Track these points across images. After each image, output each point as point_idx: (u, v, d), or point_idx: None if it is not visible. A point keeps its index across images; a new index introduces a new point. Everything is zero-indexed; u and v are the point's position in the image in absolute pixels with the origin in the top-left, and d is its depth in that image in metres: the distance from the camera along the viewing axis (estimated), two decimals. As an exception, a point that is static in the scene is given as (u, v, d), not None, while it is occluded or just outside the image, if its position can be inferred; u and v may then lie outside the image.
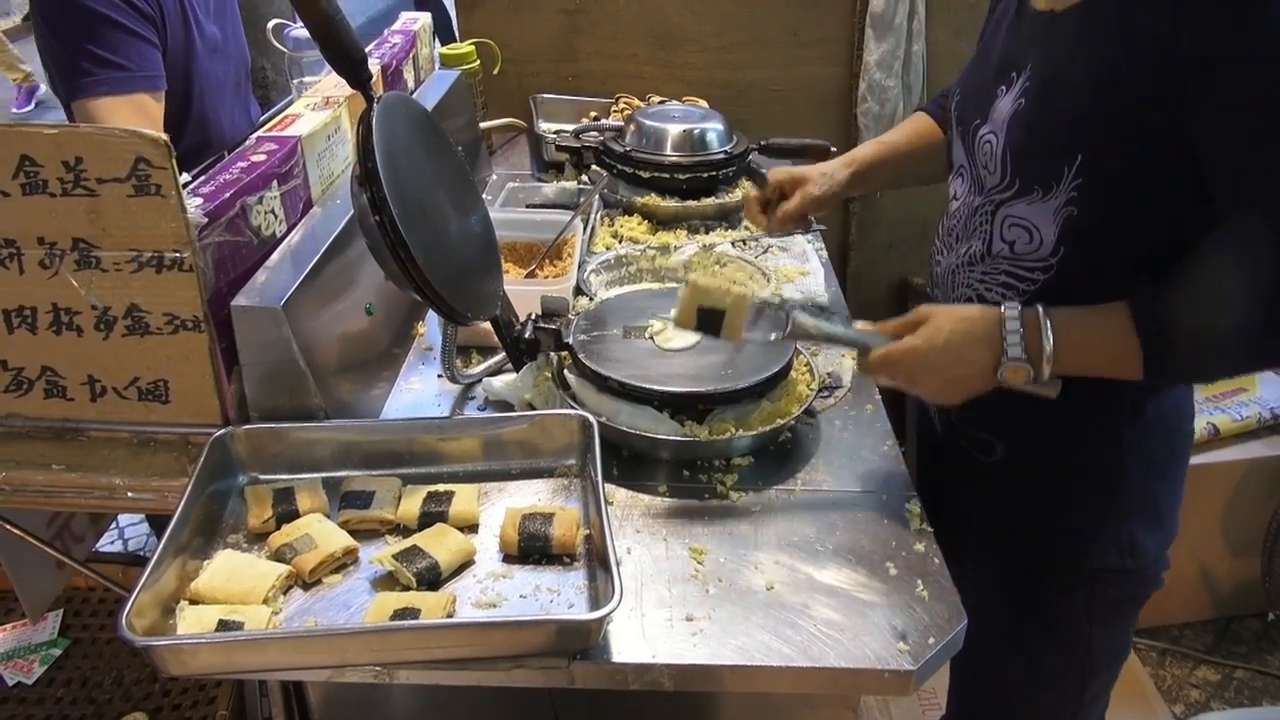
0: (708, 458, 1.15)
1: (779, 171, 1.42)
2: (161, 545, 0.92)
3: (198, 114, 1.87)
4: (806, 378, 1.25)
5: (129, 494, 1.06)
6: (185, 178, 1.78)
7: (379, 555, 0.95)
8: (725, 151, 1.80)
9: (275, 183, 1.19)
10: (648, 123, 1.80)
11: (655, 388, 1.12)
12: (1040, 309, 0.98)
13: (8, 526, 1.18)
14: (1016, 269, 1.07)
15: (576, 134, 1.90)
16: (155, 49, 1.73)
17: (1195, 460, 2.09)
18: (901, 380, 1.03)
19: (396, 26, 1.88)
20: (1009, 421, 1.13)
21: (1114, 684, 1.28)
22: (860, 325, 1.07)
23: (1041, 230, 1.03)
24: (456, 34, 2.35)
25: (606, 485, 1.08)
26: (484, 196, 1.90)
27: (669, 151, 1.77)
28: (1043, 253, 1.04)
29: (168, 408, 1.09)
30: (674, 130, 1.79)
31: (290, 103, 1.97)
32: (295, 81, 1.88)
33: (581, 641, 0.88)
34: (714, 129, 1.81)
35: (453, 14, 2.50)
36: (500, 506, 1.06)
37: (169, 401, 1.09)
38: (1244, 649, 2.25)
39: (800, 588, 0.98)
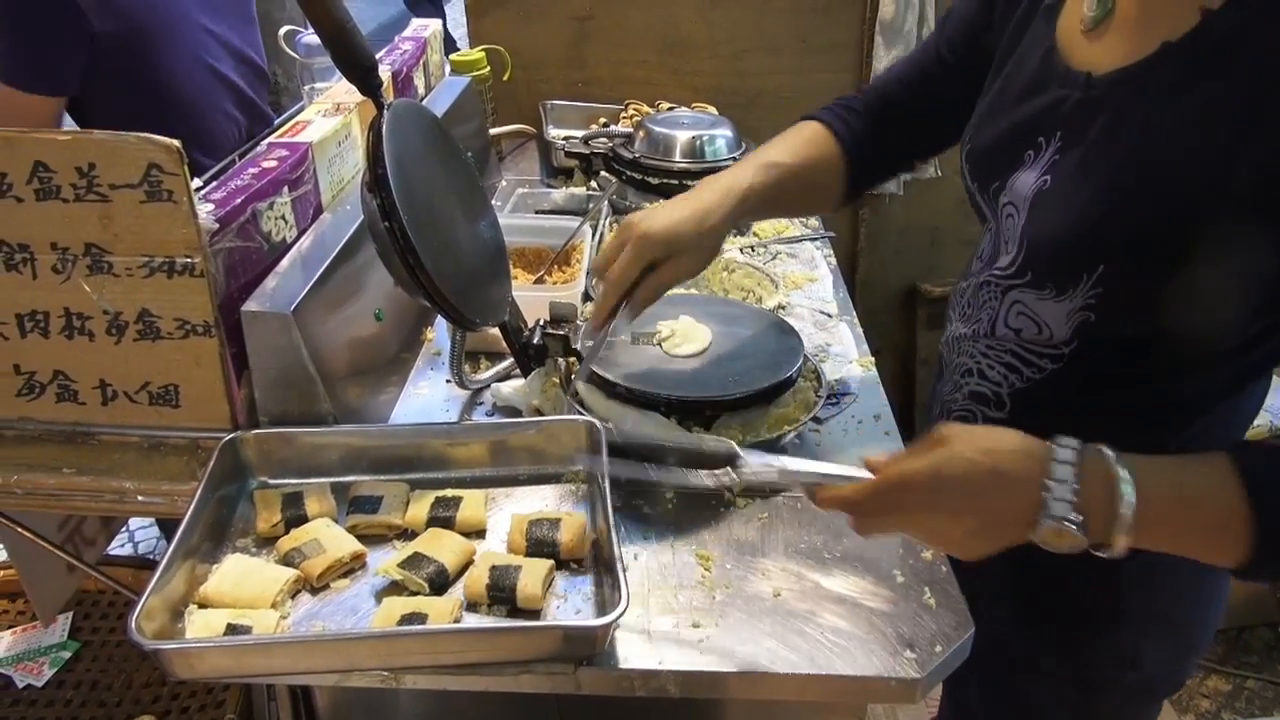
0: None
1: (645, 236, 1.02)
2: (171, 549, 0.92)
3: (174, 105, 1.83)
4: (814, 384, 1.25)
5: (139, 498, 1.07)
6: (197, 181, 1.79)
7: (383, 566, 0.95)
8: (734, 158, 1.80)
9: (286, 189, 1.19)
10: (657, 129, 1.81)
11: (663, 393, 1.12)
12: (1110, 454, 0.72)
13: (19, 529, 1.18)
14: (1023, 352, 0.95)
15: (586, 140, 1.91)
16: (69, 50, 1.67)
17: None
18: (895, 522, 0.80)
19: (407, 33, 1.89)
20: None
21: None
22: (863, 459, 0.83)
23: (1052, 327, 0.90)
24: (455, 43, 2.36)
25: (614, 491, 1.09)
26: (493, 202, 1.91)
27: (678, 158, 1.78)
28: (1054, 342, 0.91)
29: (178, 412, 1.10)
30: (683, 137, 1.79)
31: (301, 109, 1.99)
32: (306, 87, 1.89)
33: (588, 647, 0.88)
34: (723, 135, 1.81)
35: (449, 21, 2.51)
36: (507, 512, 1.06)
37: (179, 406, 1.09)
38: (1255, 659, 2.23)
39: (807, 595, 0.98)
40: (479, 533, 1.04)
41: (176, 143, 0.96)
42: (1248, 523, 0.71)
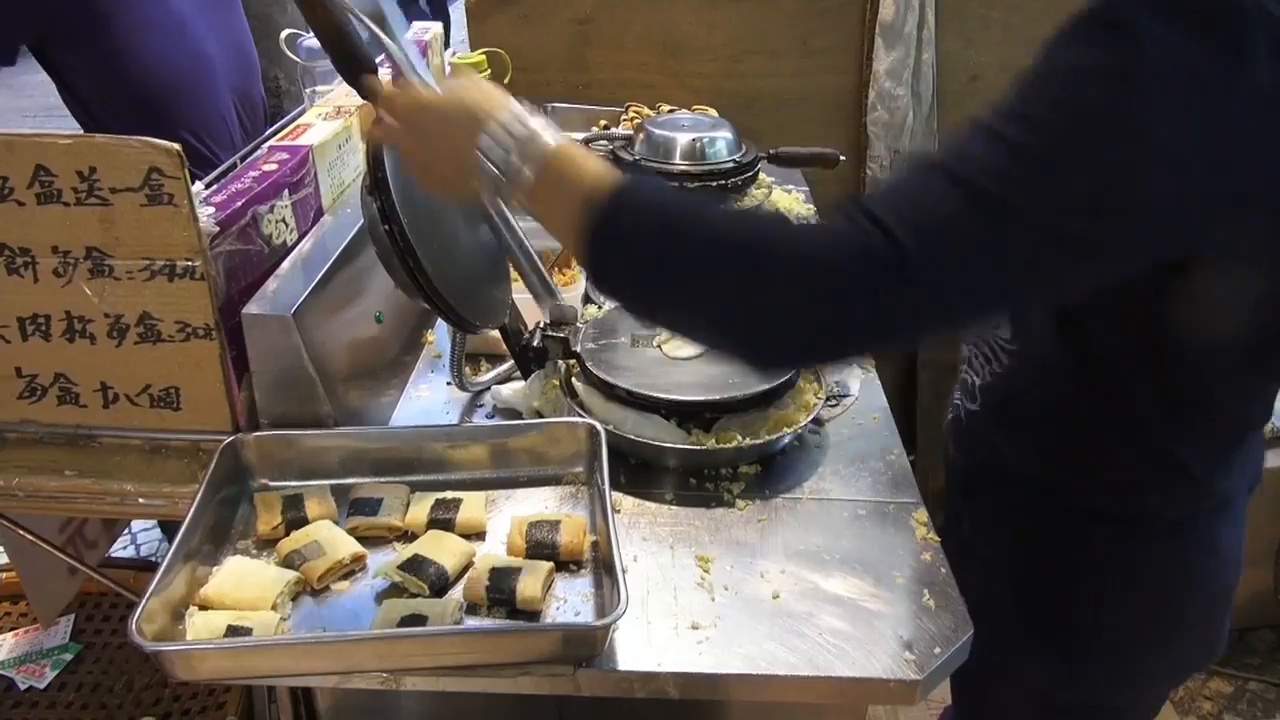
0: (714, 466, 1.15)
1: None
2: (171, 551, 0.93)
3: (138, 89, 1.79)
4: (814, 386, 1.25)
5: (140, 500, 1.07)
6: (198, 185, 1.79)
7: (383, 568, 0.96)
8: (734, 160, 1.80)
9: (286, 192, 1.20)
10: (657, 131, 1.81)
11: (662, 396, 1.13)
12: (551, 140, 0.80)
13: (20, 532, 1.19)
14: (996, 343, 0.99)
15: (586, 143, 1.91)
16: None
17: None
18: (397, 135, 0.86)
19: (408, 37, 1.89)
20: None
21: None
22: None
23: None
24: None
25: (614, 493, 1.09)
26: (494, 205, 1.92)
27: (678, 160, 1.78)
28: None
29: (179, 415, 1.10)
30: (683, 139, 1.79)
31: (302, 112, 1.99)
32: (308, 91, 1.89)
33: (587, 649, 0.88)
34: (723, 138, 1.82)
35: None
36: (507, 514, 1.07)
37: (180, 408, 1.10)
38: (1257, 660, 2.23)
39: (806, 596, 0.98)
40: (479, 535, 1.04)
41: (177, 146, 0.96)
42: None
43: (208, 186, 1.68)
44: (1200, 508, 0.96)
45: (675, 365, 1.20)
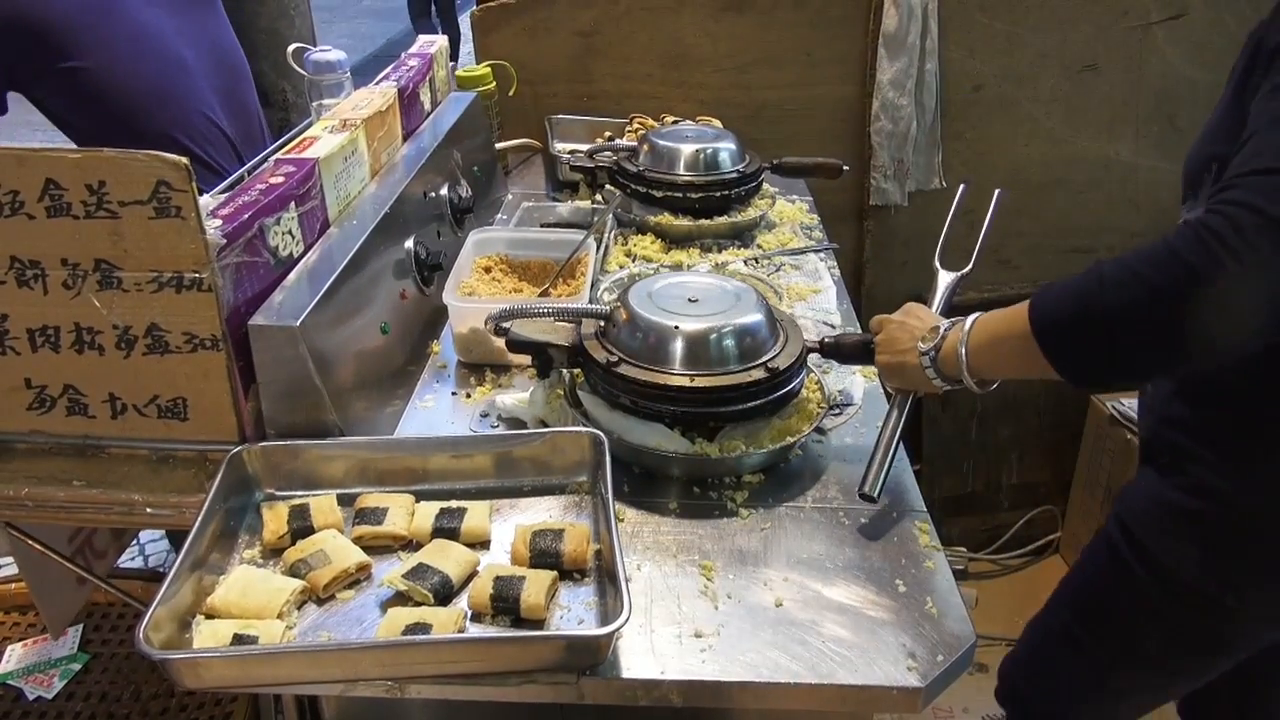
0: (718, 475, 1.16)
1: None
2: (178, 561, 0.93)
3: (119, 101, 1.80)
4: (817, 396, 1.25)
5: (148, 510, 1.08)
6: (206, 198, 1.81)
7: (388, 577, 0.96)
8: (738, 171, 1.81)
9: (293, 204, 1.21)
10: (661, 142, 1.82)
11: (668, 407, 1.13)
12: (973, 317, 1.03)
13: (29, 542, 1.20)
14: None
15: (590, 154, 1.92)
16: None
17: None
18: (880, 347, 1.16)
19: (414, 49, 1.91)
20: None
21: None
22: None
23: None
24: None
25: (618, 502, 1.10)
26: (499, 216, 1.93)
27: (682, 171, 1.79)
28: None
29: (186, 425, 1.11)
30: (687, 150, 1.80)
31: (309, 124, 2.01)
32: (315, 104, 1.91)
33: (591, 657, 0.88)
34: (726, 148, 1.83)
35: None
36: (512, 523, 1.07)
37: (187, 419, 1.11)
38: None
39: (810, 605, 0.98)
40: (483, 543, 1.05)
41: (184, 160, 0.98)
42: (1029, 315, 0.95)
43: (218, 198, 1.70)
44: None
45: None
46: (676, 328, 1.15)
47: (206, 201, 1.75)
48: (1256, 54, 1.00)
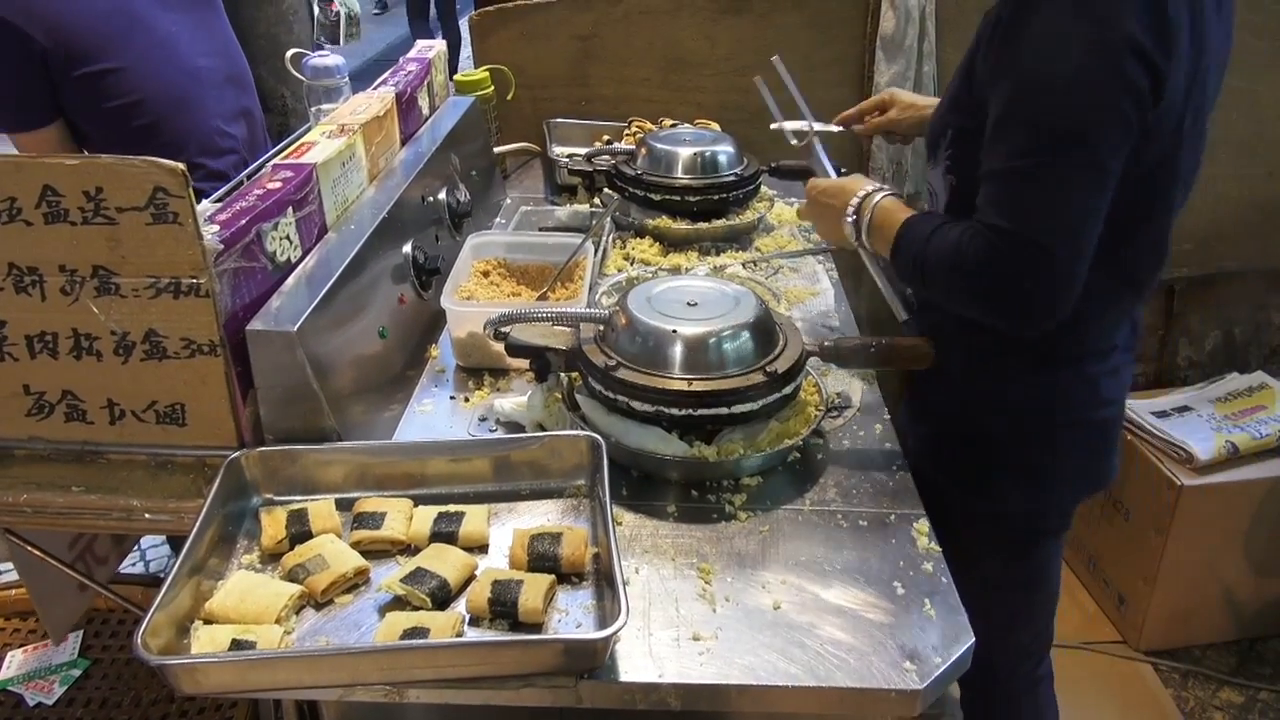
0: (716, 478, 1.16)
1: (888, 94, 1.65)
2: (177, 566, 0.94)
3: (165, 125, 1.83)
4: (815, 398, 1.25)
5: (146, 515, 1.08)
6: (206, 203, 1.81)
7: (386, 581, 0.96)
8: (735, 174, 1.81)
9: (290, 209, 1.21)
10: (659, 146, 1.82)
11: (665, 410, 1.13)
12: (882, 194, 1.24)
13: (29, 549, 1.20)
14: None
15: (588, 158, 1.92)
16: (29, 83, 1.69)
17: (1216, 479, 2.08)
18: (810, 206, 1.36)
19: (412, 54, 1.91)
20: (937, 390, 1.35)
21: (1031, 615, 1.47)
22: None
23: (939, 194, 1.25)
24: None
25: (616, 506, 1.10)
26: (498, 220, 1.93)
27: (680, 174, 1.79)
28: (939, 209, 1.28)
29: (185, 430, 1.11)
30: (685, 153, 1.81)
31: (307, 129, 2.01)
32: (313, 109, 1.92)
33: (589, 661, 0.88)
34: (724, 151, 1.83)
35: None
36: (509, 527, 1.07)
37: (186, 424, 1.11)
38: (1268, 670, 2.21)
39: (808, 607, 0.98)
40: (481, 547, 1.05)
41: (181, 166, 0.98)
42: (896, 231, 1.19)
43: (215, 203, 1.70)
44: (1087, 353, 1.25)
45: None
46: (675, 332, 1.15)
47: (205, 207, 1.76)
48: (983, 29, 1.16)
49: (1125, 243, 1.16)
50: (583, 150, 2.10)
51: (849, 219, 1.25)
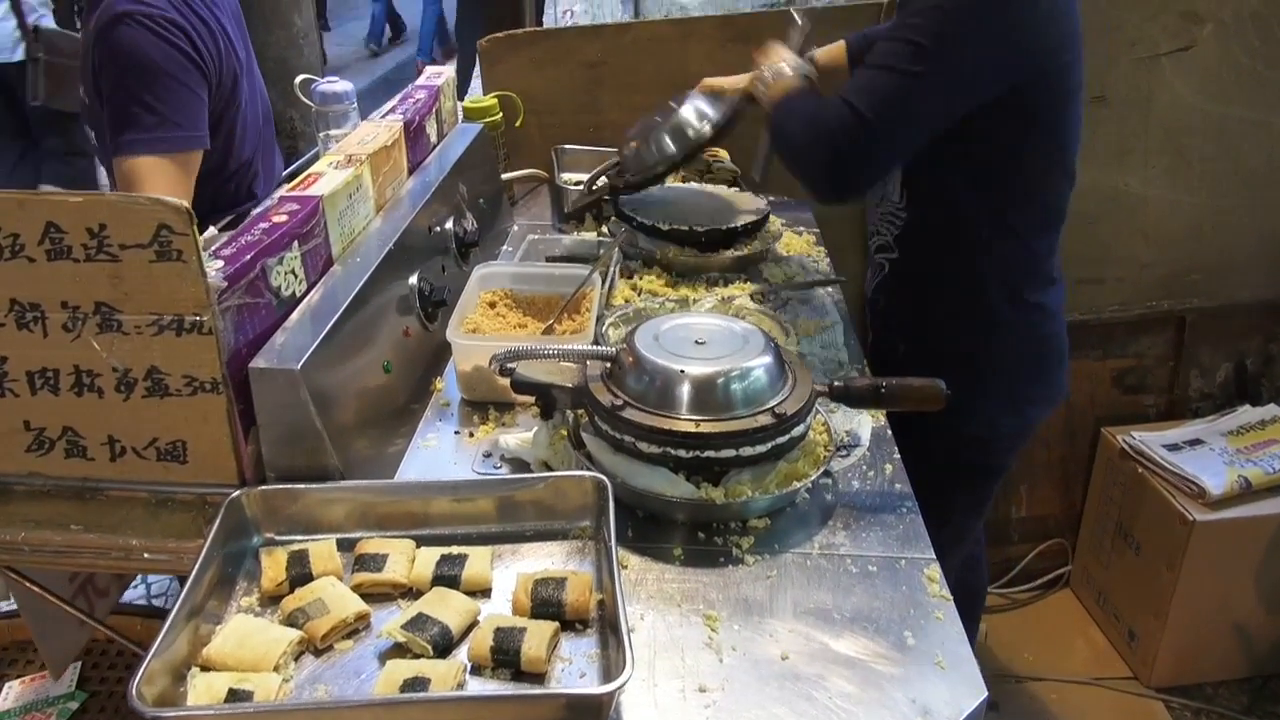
0: (723, 520, 1.14)
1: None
2: (175, 610, 0.92)
3: (238, 149, 1.93)
4: (824, 438, 1.23)
5: (145, 555, 1.07)
6: (212, 231, 1.83)
7: (387, 628, 0.94)
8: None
9: (296, 243, 1.20)
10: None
11: (672, 452, 1.11)
12: (796, 71, 1.54)
13: (29, 585, 1.18)
14: (891, 209, 1.59)
15: (589, 184, 1.90)
16: (205, 105, 1.78)
17: (1229, 514, 2.05)
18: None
19: (420, 81, 1.91)
20: (908, 329, 1.65)
21: (965, 541, 1.78)
22: None
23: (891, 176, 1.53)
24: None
25: (621, 548, 1.08)
26: (505, 248, 1.93)
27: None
28: (894, 199, 1.56)
29: (185, 468, 1.10)
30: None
31: (315, 157, 2.01)
32: (322, 134, 1.92)
33: (592, 715, 0.86)
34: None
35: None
36: (513, 570, 1.05)
37: (187, 462, 1.09)
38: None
39: (816, 658, 0.96)
40: (484, 591, 1.03)
41: (186, 204, 0.97)
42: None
43: (220, 230, 1.70)
44: (1043, 285, 1.56)
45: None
46: (682, 371, 1.13)
47: (211, 235, 1.76)
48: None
49: (1045, 188, 1.49)
50: (584, 176, 2.10)
51: (764, 73, 1.56)
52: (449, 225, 1.65)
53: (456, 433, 1.34)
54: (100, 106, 1.74)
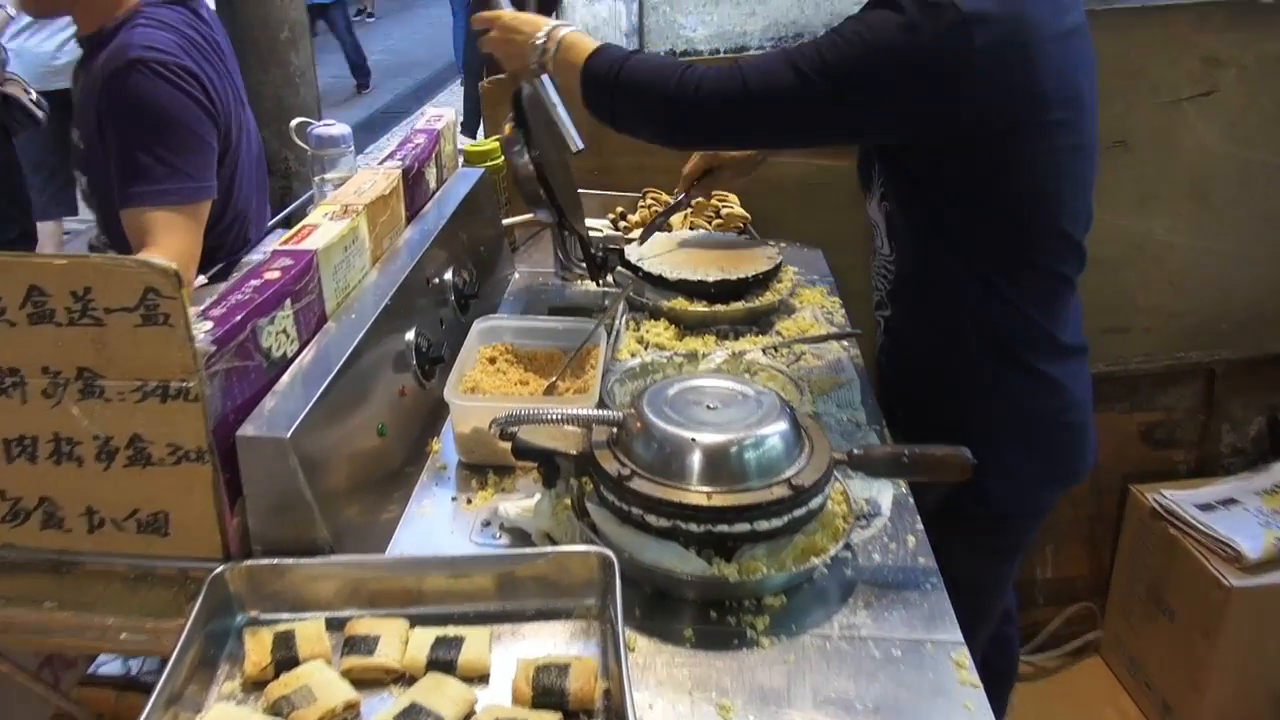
0: (737, 598, 1.11)
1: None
2: (153, 699, 0.89)
3: (237, 196, 1.94)
4: (843, 508, 1.21)
5: (122, 635, 1.04)
6: (201, 280, 1.82)
7: (379, 718, 0.92)
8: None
9: (288, 301, 1.19)
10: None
11: (683, 526, 1.09)
12: (570, 28, 1.48)
13: (-6, 659, 1.16)
14: (883, 261, 1.56)
15: (584, 247, 1.86)
16: (215, 154, 1.79)
17: (1267, 579, 2.02)
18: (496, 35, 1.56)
19: (420, 125, 1.92)
20: (904, 395, 1.60)
21: (988, 620, 1.69)
22: None
23: (878, 225, 1.51)
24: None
25: (628, 628, 1.05)
26: (506, 296, 1.92)
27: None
28: (885, 251, 1.53)
29: (167, 540, 1.08)
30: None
31: (310, 200, 2.01)
32: (317, 178, 1.92)
33: (598, 820, 0.83)
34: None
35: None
36: (513, 653, 1.02)
37: (169, 534, 1.07)
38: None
39: (838, 754, 0.93)
40: (482, 677, 1.00)
41: (174, 266, 0.96)
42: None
43: (209, 280, 1.69)
44: (1047, 354, 1.47)
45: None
46: (694, 440, 1.11)
47: (200, 283, 1.74)
48: None
49: (1039, 254, 1.43)
50: (598, 222, 2.10)
51: (538, 42, 1.48)
52: (448, 276, 1.64)
53: (454, 499, 1.31)
54: (102, 153, 1.73)
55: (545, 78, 1.55)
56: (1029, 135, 1.34)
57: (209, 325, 1.06)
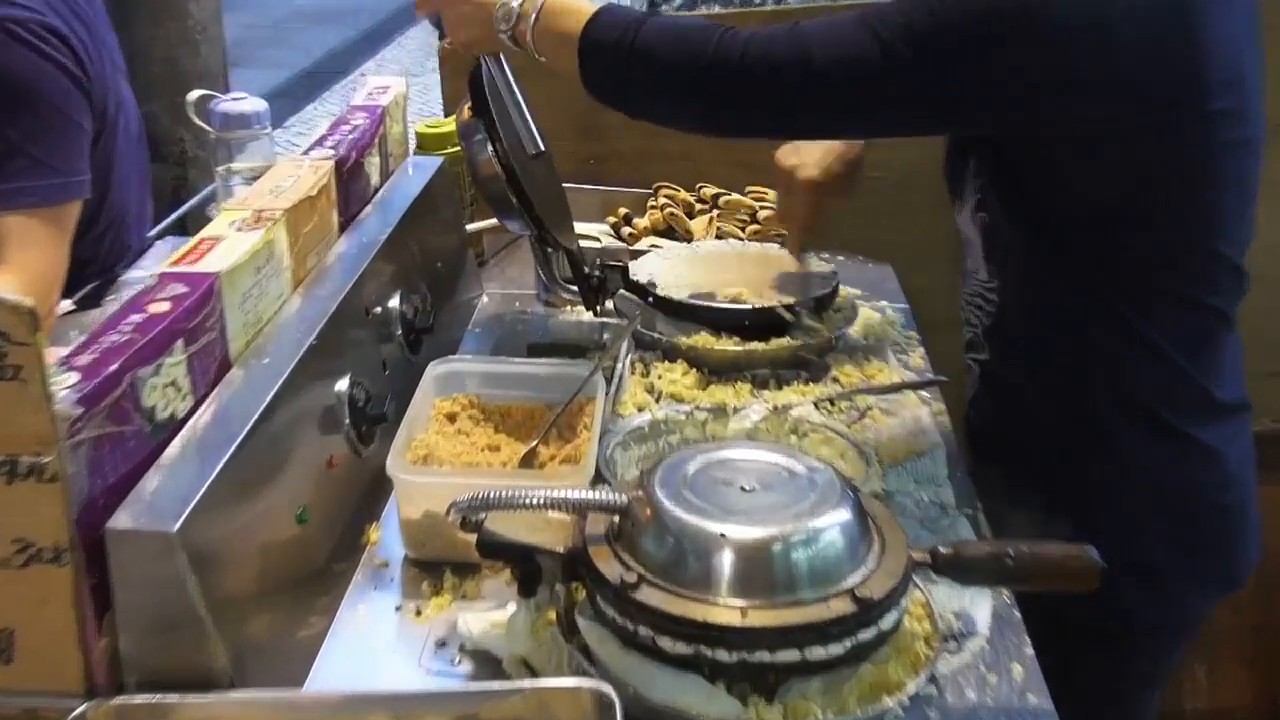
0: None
1: (809, 181, 1.81)
2: None
3: (114, 191, 1.98)
4: (925, 628, 1.20)
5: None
6: (66, 305, 1.82)
7: None
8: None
9: (180, 343, 1.19)
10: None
11: (708, 652, 1.08)
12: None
13: None
14: (979, 287, 1.59)
15: (573, 264, 1.86)
16: (88, 138, 1.83)
17: None
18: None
19: (359, 101, 1.92)
20: (1005, 465, 1.60)
21: None
22: None
23: (973, 241, 1.53)
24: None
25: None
26: (471, 329, 1.92)
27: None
28: (981, 275, 1.56)
29: (11, 670, 1.07)
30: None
31: (212, 198, 2.02)
32: (221, 169, 1.94)
33: None
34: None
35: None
36: (477, 828, 1.01)
37: (13, 661, 1.06)
38: None
39: None
40: None
41: (30, 303, 0.95)
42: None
43: (77, 305, 1.69)
44: (1199, 415, 1.47)
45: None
46: (723, 535, 1.11)
47: (65, 309, 1.74)
48: None
49: (1194, 288, 1.43)
50: (593, 227, 2.10)
51: (513, 5, 1.46)
52: (394, 303, 1.65)
53: (398, 608, 1.31)
54: None
55: (502, 56, 1.58)
56: (1183, 128, 1.34)
57: (74, 378, 1.05)
